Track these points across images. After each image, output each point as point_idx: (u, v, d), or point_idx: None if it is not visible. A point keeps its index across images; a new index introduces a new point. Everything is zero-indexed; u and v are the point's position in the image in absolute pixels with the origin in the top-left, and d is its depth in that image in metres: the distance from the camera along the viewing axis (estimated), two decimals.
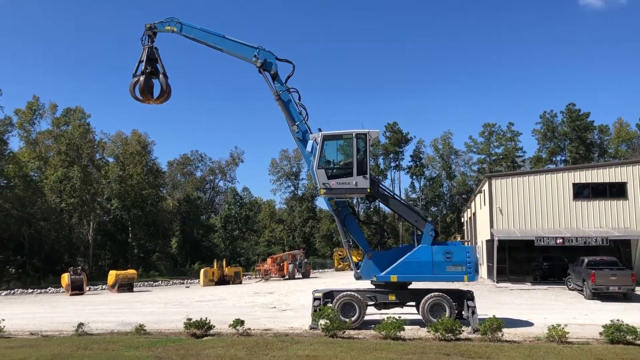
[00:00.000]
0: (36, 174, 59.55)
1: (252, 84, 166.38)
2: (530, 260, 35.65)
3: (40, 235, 54.21)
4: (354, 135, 15.76)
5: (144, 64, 17.35)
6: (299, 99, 16.69)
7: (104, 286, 40.00)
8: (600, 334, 12.91)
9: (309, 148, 16.13)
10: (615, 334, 12.50)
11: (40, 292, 37.95)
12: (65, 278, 34.99)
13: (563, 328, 12.85)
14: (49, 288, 39.98)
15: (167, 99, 17.79)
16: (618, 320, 12.98)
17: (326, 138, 15.93)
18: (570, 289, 28.55)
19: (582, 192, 34.89)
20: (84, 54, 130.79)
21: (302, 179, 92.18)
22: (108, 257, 68.34)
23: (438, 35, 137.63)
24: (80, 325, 15.17)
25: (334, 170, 15.89)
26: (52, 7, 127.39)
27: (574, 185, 34.71)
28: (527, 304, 22.81)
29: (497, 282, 33.54)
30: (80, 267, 38.28)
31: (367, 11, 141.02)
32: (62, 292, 36.20)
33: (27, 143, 60.49)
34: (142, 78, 17.11)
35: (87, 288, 37.08)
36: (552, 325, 13.07)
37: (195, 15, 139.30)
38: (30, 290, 38.63)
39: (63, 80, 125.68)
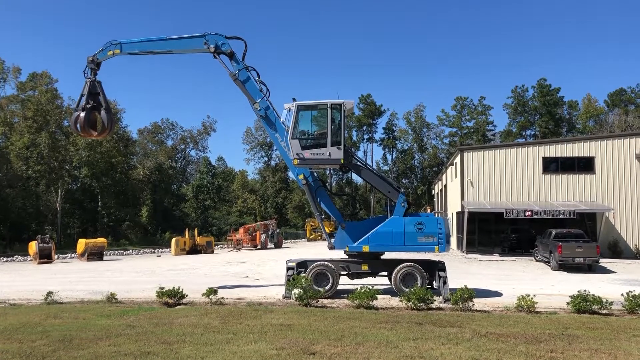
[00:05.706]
0: (1, 140, 57.93)
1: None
2: (499, 232, 36.37)
3: (6, 203, 53.04)
4: (328, 106, 15.58)
5: (85, 98, 17.09)
6: (258, 77, 16.59)
7: (73, 255, 39.48)
8: (568, 303, 13.20)
9: (283, 118, 15.99)
10: (582, 304, 12.79)
11: (7, 261, 37.15)
12: (33, 246, 34.37)
13: (532, 298, 13.11)
14: (16, 256, 39.22)
15: (110, 132, 18.03)
16: (585, 290, 13.30)
17: (300, 108, 15.73)
18: (537, 260, 29.19)
19: (551, 166, 35.47)
20: (51, 15, 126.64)
21: (276, 149, 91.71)
22: (77, 226, 67.42)
23: (412, 11, 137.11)
24: (50, 293, 14.86)
25: (308, 141, 15.73)
26: None
27: (544, 159, 35.26)
28: (496, 274, 23.25)
29: (466, 253, 34.10)
30: (48, 236, 37.66)
31: None
32: (30, 260, 35.59)
33: None
34: (82, 115, 16.94)
35: (56, 257, 36.55)
36: (521, 296, 13.29)
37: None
38: None
39: (27, 42, 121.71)
